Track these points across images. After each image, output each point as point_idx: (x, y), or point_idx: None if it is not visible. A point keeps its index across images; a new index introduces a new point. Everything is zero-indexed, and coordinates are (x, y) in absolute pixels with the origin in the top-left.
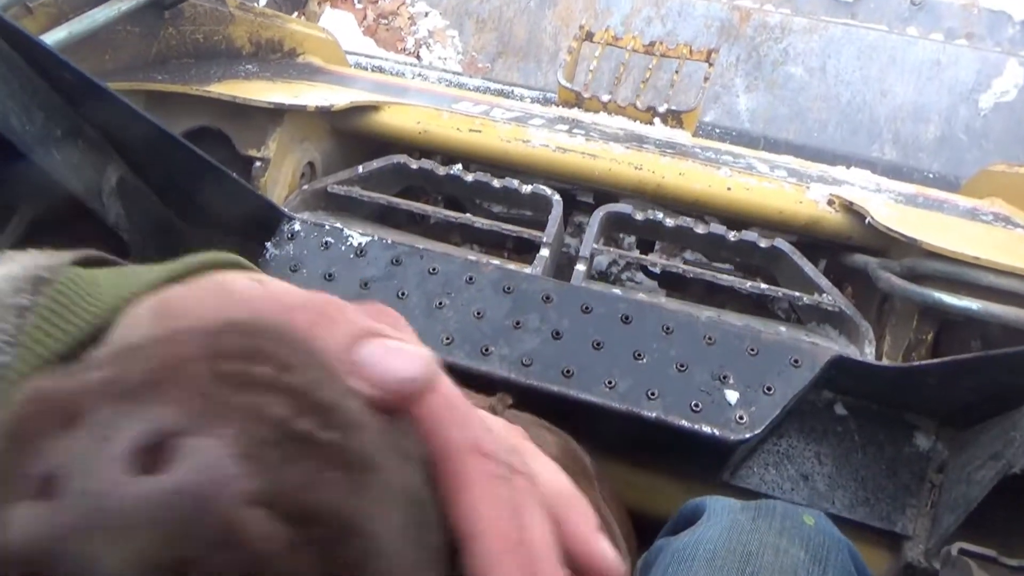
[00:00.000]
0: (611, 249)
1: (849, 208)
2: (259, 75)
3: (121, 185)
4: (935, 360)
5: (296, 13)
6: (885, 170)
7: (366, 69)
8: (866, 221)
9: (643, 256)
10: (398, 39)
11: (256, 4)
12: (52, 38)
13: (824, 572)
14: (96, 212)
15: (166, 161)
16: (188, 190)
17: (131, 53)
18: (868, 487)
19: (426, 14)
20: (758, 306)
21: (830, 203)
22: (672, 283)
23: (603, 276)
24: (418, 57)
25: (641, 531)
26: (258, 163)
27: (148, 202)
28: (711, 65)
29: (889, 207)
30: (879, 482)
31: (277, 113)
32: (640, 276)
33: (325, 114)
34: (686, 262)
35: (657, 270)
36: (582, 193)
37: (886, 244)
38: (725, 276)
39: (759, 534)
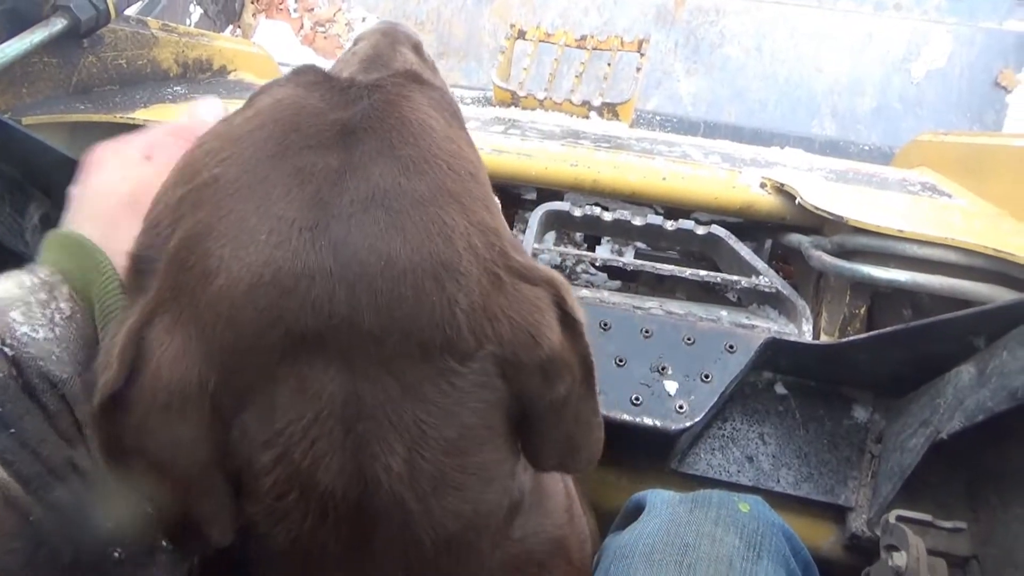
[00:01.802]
0: (551, 248)
1: (780, 189)
2: (187, 97)
3: (45, 223)
4: (862, 335)
5: (231, 26)
6: (824, 146)
7: None
8: (796, 201)
9: (584, 252)
10: (337, 46)
11: (188, 20)
12: None
13: (759, 557)
14: (19, 252)
15: None
16: None
17: (50, 85)
18: (811, 463)
19: (363, 19)
20: (708, 290)
21: (762, 186)
22: (623, 275)
23: (559, 271)
24: None
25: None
26: None
27: None
28: (643, 55)
29: (820, 185)
30: (821, 457)
31: None
32: (593, 270)
33: None
34: (639, 252)
35: (599, 263)
36: (526, 191)
37: (819, 222)
38: (665, 266)
39: (696, 525)
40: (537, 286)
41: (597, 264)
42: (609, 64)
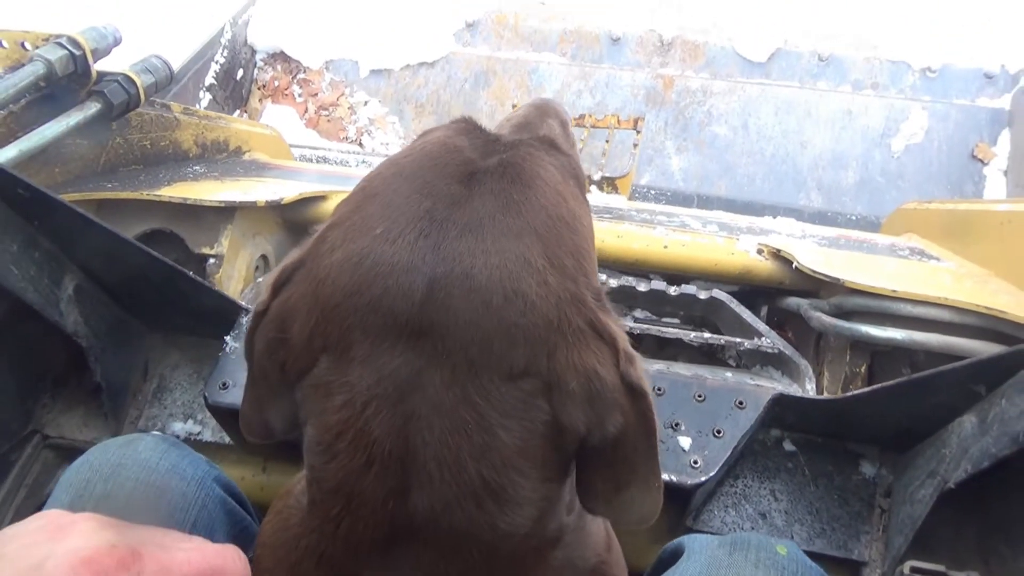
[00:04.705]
0: None
1: (777, 255)
2: (207, 175)
3: (78, 292)
4: (866, 389)
5: (238, 110)
6: (812, 217)
7: (311, 160)
8: (793, 266)
9: None
10: (340, 128)
11: (198, 105)
12: (2, 157)
13: None
14: (54, 321)
15: (122, 265)
16: (146, 292)
17: (81, 165)
18: (823, 518)
19: (366, 103)
20: (708, 355)
21: (759, 252)
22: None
23: None
24: (360, 144)
25: None
26: (212, 260)
27: (106, 307)
28: (639, 132)
29: (814, 251)
30: (833, 512)
31: (228, 211)
32: None
33: (275, 207)
34: (636, 319)
35: None
36: None
37: (815, 285)
38: (670, 329)
39: (736, 568)
40: (603, 342)
41: None
42: (607, 141)
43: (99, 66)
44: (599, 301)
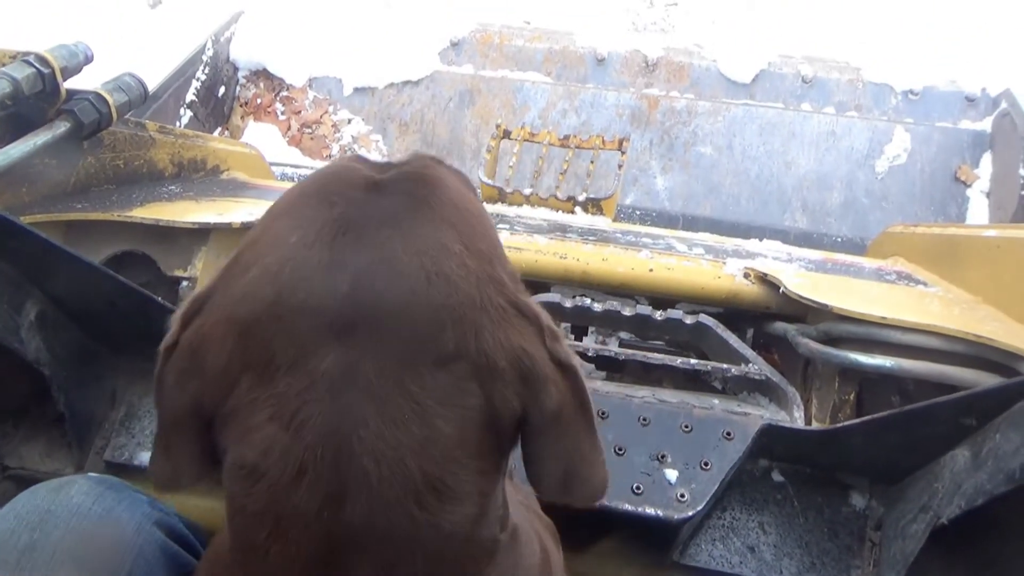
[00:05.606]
0: None
1: (763, 279)
2: (183, 196)
3: (41, 319)
4: (857, 420)
5: (219, 128)
6: (798, 238)
7: (292, 179)
8: (780, 291)
9: (576, 342)
10: (323, 147)
11: (178, 123)
12: None
13: None
14: (14, 349)
15: (87, 290)
16: (113, 318)
17: (49, 185)
18: (813, 552)
19: (349, 121)
20: (693, 379)
21: (746, 276)
22: (609, 365)
23: None
24: None
25: None
26: (185, 283)
27: (70, 334)
28: (623, 153)
29: (801, 275)
30: (822, 546)
31: (202, 232)
32: (582, 360)
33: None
34: (623, 342)
35: (591, 354)
36: None
37: (802, 310)
38: (656, 355)
39: None
40: (526, 320)
41: (590, 355)
42: (592, 162)
43: (69, 84)
44: (516, 284)
